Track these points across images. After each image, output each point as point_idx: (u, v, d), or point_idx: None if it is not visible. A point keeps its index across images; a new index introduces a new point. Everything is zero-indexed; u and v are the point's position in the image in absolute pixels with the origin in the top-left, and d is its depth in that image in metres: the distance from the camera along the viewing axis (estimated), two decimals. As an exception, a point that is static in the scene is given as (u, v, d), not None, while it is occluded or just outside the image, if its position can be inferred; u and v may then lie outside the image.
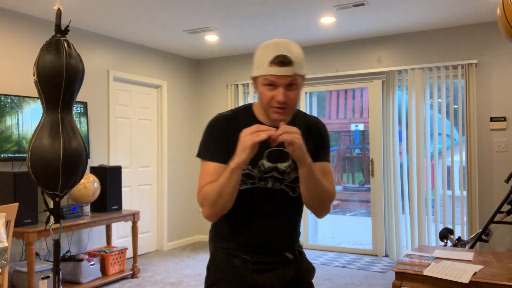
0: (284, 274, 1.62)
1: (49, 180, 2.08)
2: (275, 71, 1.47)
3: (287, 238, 1.66)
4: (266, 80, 1.49)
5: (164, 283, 4.54)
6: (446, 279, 2.58)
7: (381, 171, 5.51)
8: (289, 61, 1.48)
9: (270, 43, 1.53)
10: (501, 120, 4.83)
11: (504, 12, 2.58)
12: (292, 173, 1.58)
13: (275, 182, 1.58)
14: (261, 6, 4.35)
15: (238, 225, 1.61)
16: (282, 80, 1.48)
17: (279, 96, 1.48)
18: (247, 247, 1.60)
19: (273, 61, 1.47)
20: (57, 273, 2.17)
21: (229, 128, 1.59)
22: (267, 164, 1.57)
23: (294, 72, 1.50)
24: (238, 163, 1.43)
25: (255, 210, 1.60)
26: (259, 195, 1.58)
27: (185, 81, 6.52)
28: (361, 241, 6.72)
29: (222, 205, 1.49)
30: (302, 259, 1.70)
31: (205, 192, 1.51)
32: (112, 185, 4.74)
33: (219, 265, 1.65)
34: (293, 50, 1.53)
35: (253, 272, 1.59)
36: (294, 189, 1.60)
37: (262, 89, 1.52)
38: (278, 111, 1.51)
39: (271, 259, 1.61)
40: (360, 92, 12.30)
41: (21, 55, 4.42)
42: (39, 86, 2.08)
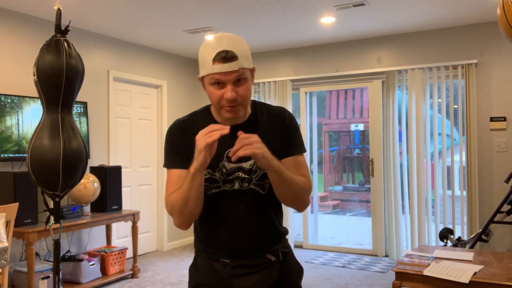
0: (266, 278, 1.55)
1: (49, 180, 2.08)
2: (219, 69, 1.39)
3: (266, 239, 1.57)
4: (212, 79, 1.42)
5: (164, 283, 4.55)
6: (446, 279, 2.58)
7: (381, 171, 5.51)
8: (233, 55, 1.40)
9: (211, 40, 1.45)
10: (501, 120, 4.83)
11: (504, 12, 2.58)
12: (258, 170, 1.51)
13: (242, 183, 1.52)
14: (261, 6, 4.35)
15: (213, 230, 1.56)
16: (228, 77, 1.40)
17: (227, 94, 1.41)
18: (226, 250, 1.54)
19: (216, 58, 1.39)
20: (57, 273, 2.17)
21: (186, 132, 1.54)
22: (228, 165, 1.51)
23: (240, 66, 1.41)
24: (196, 166, 1.37)
25: (227, 214, 1.53)
26: (228, 198, 1.52)
27: (185, 81, 6.52)
28: (361, 241, 6.72)
29: (190, 212, 1.45)
30: (287, 261, 1.61)
31: (171, 201, 1.46)
32: (112, 185, 4.74)
33: (200, 270, 1.59)
34: (236, 44, 1.43)
35: (232, 276, 1.53)
36: (263, 187, 1.53)
37: (210, 89, 1.46)
38: (229, 110, 1.45)
39: (252, 262, 1.54)
40: (360, 92, 12.30)
41: (21, 55, 4.42)
42: (39, 86, 2.08)
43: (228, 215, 1.53)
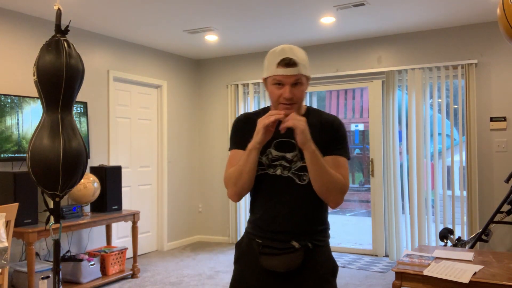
0: (288, 262, 1.70)
1: (49, 180, 2.07)
2: (281, 72, 1.68)
3: (295, 226, 1.73)
4: (275, 80, 1.70)
5: (164, 283, 4.55)
6: (446, 279, 2.58)
7: (381, 171, 5.51)
8: (294, 62, 1.68)
9: (277, 49, 1.73)
10: (501, 120, 4.83)
11: (504, 12, 2.58)
12: (298, 162, 1.72)
13: (283, 170, 1.73)
14: (261, 6, 4.35)
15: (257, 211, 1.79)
16: (288, 79, 1.68)
17: (285, 93, 1.68)
18: (261, 231, 1.76)
19: (280, 63, 1.68)
20: (57, 273, 2.17)
21: (248, 123, 1.79)
22: (274, 152, 1.75)
23: (299, 72, 1.69)
24: (253, 143, 1.65)
25: (266, 195, 1.76)
26: (269, 181, 1.74)
27: (185, 81, 6.52)
28: (361, 241, 6.72)
29: (242, 184, 1.70)
30: (317, 252, 1.74)
31: (228, 174, 1.74)
32: (112, 185, 4.74)
33: (242, 246, 1.84)
34: (298, 53, 1.72)
35: (261, 254, 1.74)
36: (300, 177, 1.72)
37: (271, 88, 1.73)
38: (286, 107, 1.70)
39: (278, 245, 1.72)
40: (360, 92, 12.30)
41: (21, 55, 4.42)
42: (39, 86, 2.08)
43: (266, 197, 1.77)
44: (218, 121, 6.55)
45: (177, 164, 6.34)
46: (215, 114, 6.59)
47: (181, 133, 6.43)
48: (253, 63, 6.31)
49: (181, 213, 6.40)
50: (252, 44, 5.83)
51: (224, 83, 6.50)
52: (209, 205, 6.63)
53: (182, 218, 6.42)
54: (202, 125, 6.70)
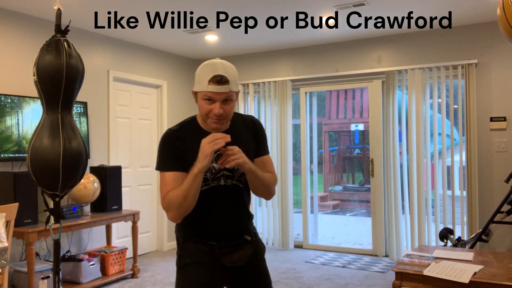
0: (245, 254, 1.91)
1: (49, 180, 2.07)
2: (212, 89, 1.71)
3: (243, 222, 1.94)
4: (205, 95, 1.74)
5: (164, 283, 4.54)
6: (446, 279, 2.58)
7: (381, 171, 5.51)
8: (225, 80, 1.72)
9: (209, 63, 1.77)
10: (501, 120, 4.83)
11: (504, 12, 2.58)
12: (239, 169, 1.85)
13: (226, 179, 1.86)
14: (261, 6, 4.35)
15: (202, 220, 1.87)
16: (219, 96, 1.73)
17: (215, 110, 1.74)
18: (212, 235, 1.87)
19: (212, 79, 1.71)
20: (57, 273, 2.17)
21: (178, 140, 1.83)
22: (217, 166, 1.81)
23: (229, 89, 1.74)
24: (200, 168, 1.69)
25: (214, 206, 1.86)
26: (214, 193, 1.85)
27: (185, 81, 6.52)
28: (361, 241, 6.72)
29: (187, 207, 1.75)
30: (257, 240, 1.99)
31: (170, 198, 1.75)
32: (112, 185, 4.74)
33: (189, 251, 1.91)
34: (229, 70, 1.76)
35: (220, 254, 1.87)
36: (242, 181, 1.90)
37: (201, 103, 1.77)
38: (215, 121, 1.77)
39: (234, 242, 1.89)
40: (360, 92, 12.30)
41: (21, 55, 4.42)
42: (39, 86, 2.08)
43: (215, 206, 1.86)
44: (218, 121, 6.54)
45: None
46: (215, 114, 6.58)
47: (181, 133, 6.42)
48: (253, 63, 6.31)
49: (181, 213, 6.39)
50: (252, 44, 5.83)
51: (224, 83, 6.49)
52: (209, 205, 6.62)
53: (182, 218, 6.41)
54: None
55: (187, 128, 1.86)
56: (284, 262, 5.33)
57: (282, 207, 6.00)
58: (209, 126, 1.80)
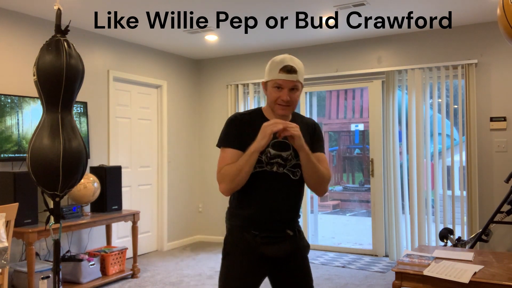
0: (285, 248, 1.99)
1: (49, 180, 2.07)
2: (283, 77, 1.92)
3: (288, 216, 2.02)
4: (275, 83, 1.94)
5: (164, 283, 4.55)
6: (446, 279, 2.58)
7: (381, 171, 5.51)
8: (294, 70, 1.93)
9: (279, 57, 1.98)
10: (501, 120, 4.83)
11: (504, 12, 2.58)
12: (292, 160, 1.97)
13: (279, 167, 1.95)
14: (261, 6, 4.35)
15: (249, 204, 1.97)
16: (287, 84, 1.93)
17: (284, 96, 1.93)
18: (256, 223, 1.96)
19: (282, 69, 1.92)
20: (57, 273, 2.17)
21: (243, 123, 1.99)
22: (272, 151, 1.95)
23: (297, 79, 1.95)
24: (257, 147, 1.84)
25: (263, 191, 1.95)
26: (266, 177, 1.94)
27: (185, 81, 6.52)
28: (361, 241, 6.72)
29: (239, 181, 1.88)
30: (300, 237, 2.07)
31: (225, 171, 1.90)
32: (112, 185, 4.74)
33: (233, 239, 2.01)
34: (297, 63, 1.97)
35: (261, 244, 1.95)
36: (294, 173, 1.98)
37: (271, 90, 1.96)
38: (282, 108, 1.95)
39: (275, 234, 1.97)
40: (360, 92, 12.29)
41: (21, 55, 4.42)
42: (39, 86, 2.08)
43: (263, 193, 1.96)
44: (218, 121, 6.55)
45: (177, 164, 6.34)
46: (215, 114, 6.59)
47: (181, 133, 6.43)
48: (253, 63, 6.31)
49: (181, 213, 6.40)
50: (252, 44, 5.83)
51: (224, 83, 6.50)
52: (209, 205, 6.63)
53: (182, 218, 6.42)
54: (202, 125, 6.70)
55: (253, 115, 2.03)
56: (284, 262, 5.32)
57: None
58: (276, 112, 1.97)
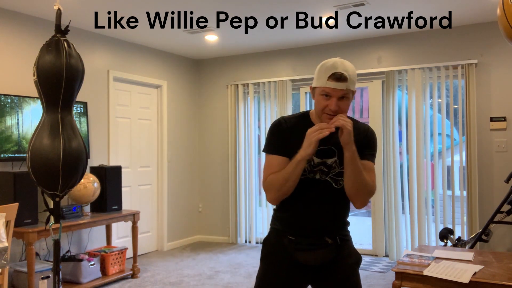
0: (323, 256, 1.89)
1: (49, 180, 2.07)
2: (331, 85, 1.76)
3: (327, 224, 1.90)
4: (323, 91, 1.78)
5: (164, 283, 4.54)
6: (446, 279, 2.58)
7: (381, 171, 5.51)
8: (344, 78, 1.75)
9: (330, 61, 1.80)
10: (501, 120, 4.83)
11: (504, 12, 2.58)
12: (336, 168, 1.87)
13: (322, 174, 1.87)
14: (261, 6, 4.35)
15: (289, 210, 1.91)
16: (336, 93, 1.76)
17: (331, 106, 1.77)
18: (293, 229, 1.89)
19: (331, 76, 1.75)
20: (57, 273, 2.17)
21: (289, 129, 1.90)
22: (316, 160, 1.86)
23: (347, 87, 1.77)
24: (304, 155, 1.75)
25: (303, 197, 1.87)
26: (307, 184, 1.86)
27: (185, 81, 6.52)
28: (361, 241, 6.72)
29: (286, 190, 1.81)
30: (344, 245, 1.94)
31: (271, 180, 1.83)
32: (112, 185, 4.74)
33: (271, 242, 1.96)
34: (348, 69, 1.78)
35: (296, 250, 1.88)
36: (337, 181, 1.88)
37: (318, 98, 1.81)
38: (329, 118, 1.79)
39: (312, 241, 1.88)
40: (360, 92, 12.28)
41: (21, 55, 4.42)
42: (39, 86, 2.08)
43: (303, 199, 1.87)
44: (218, 121, 6.55)
45: (177, 164, 6.34)
46: (215, 114, 6.59)
47: (181, 133, 6.43)
48: (253, 63, 6.31)
49: (181, 213, 6.40)
50: (252, 44, 5.83)
51: (224, 83, 6.50)
52: (209, 205, 6.63)
53: (182, 218, 6.42)
54: (202, 125, 6.70)
55: (300, 120, 1.92)
56: (284, 262, 5.32)
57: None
58: (322, 122, 1.82)
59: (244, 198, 6.29)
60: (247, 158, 6.29)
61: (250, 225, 6.29)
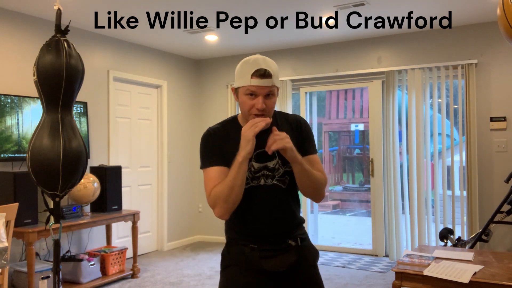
0: (287, 259, 1.80)
1: (49, 180, 2.07)
2: (256, 82, 1.68)
3: (287, 226, 1.83)
4: (248, 90, 1.70)
5: (164, 283, 4.55)
6: (446, 279, 2.58)
7: (381, 171, 5.51)
8: (269, 74, 1.68)
9: (250, 59, 1.73)
10: (501, 120, 4.83)
11: (504, 12, 2.58)
12: (280, 169, 1.79)
13: (266, 179, 1.78)
14: (261, 6, 4.35)
15: (243, 221, 1.81)
16: (262, 90, 1.69)
17: (258, 104, 1.69)
18: (253, 237, 1.80)
19: (254, 73, 1.68)
20: (57, 273, 2.17)
21: (220, 138, 1.81)
22: (256, 165, 1.77)
23: (272, 83, 1.70)
24: (244, 155, 1.64)
25: (255, 206, 1.78)
26: (254, 193, 1.77)
27: (185, 81, 6.52)
28: (361, 241, 6.72)
29: (234, 199, 1.68)
30: (305, 245, 1.86)
31: (216, 192, 1.70)
32: (112, 185, 4.74)
33: (231, 253, 1.85)
34: (271, 65, 1.72)
35: (260, 258, 1.78)
36: (284, 182, 1.80)
37: (243, 98, 1.73)
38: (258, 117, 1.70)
39: (276, 246, 1.79)
40: (360, 92, 12.29)
41: (21, 55, 4.42)
42: (39, 86, 2.08)
43: (255, 207, 1.79)
44: (218, 121, 6.53)
45: (177, 164, 6.34)
46: (215, 114, 6.59)
47: (181, 133, 6.43)
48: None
49: (181, 213, 6.40)
50: (252, 44, 5.83)
51: (224, 83, 6.50)
52: (209, 205, 6.62)
53: (182, 218, 6.42)
54: (202, 125, 6.70)
55: (228, 126, 1.84)
56: (284, 262, 5.32)
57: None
58: None
59: (244, 198, 6.28)
60: (247, 158, 6.29)
61: (250, 225, 6.29)
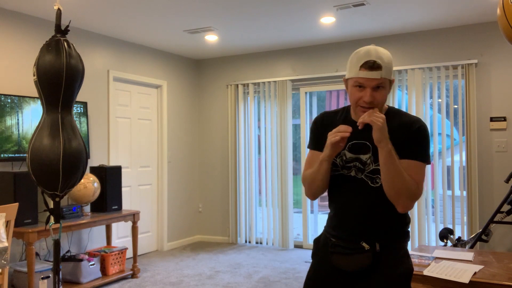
0: (357, 262, 1.73)
1: (49, 180, 2.07)
2: (364, 74, 1.65)
3: (366, 228, 1.74)
4: (356, 82, 1.68)
5: (164, 283, 4.54)
6: (446, 279, 2.57)
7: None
8: (378, 65, 1.64)
9: (362, 50, 1.70)
10: (501, 120, 4.83)
11: (504, 12, 2.58)
12: (371, 164, 1.72)
13: (357, 172, 1.74)
14: (261, 6, 4.35)
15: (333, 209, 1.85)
16: (370, 83, 1.65)
17: (366, 97, 1.67)
18: (335, 230, 1.81)
19: (363, 65, 1.65)
20: (57, 273, 2.17)
21: (325, 125, 1.83)
22: (348, 154, 1.76)
23: (382, 76, 1.65)
24: (324, 156, 1.71)
25: (340, 196, 1.80)
26: (343, 181, 1.77)
27: (185, 81, 6.52)
28: (361, 241, 6.72)
29: (316, 189, 1.79)
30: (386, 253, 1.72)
31: (304, 176, 1.83)
32: (112, 185, 4.74)
33: (320, 241, 1.89)
34: (383, 56, 1.67)
35: (331, 253, 1.79)
36: (373, 180, 1.72)
37: (352, 90, 1.71)
38: (365, 110, 1.67)
39: (349, 244, 1.75)
40: (360, 92, 12.28)
41: (21, 55, 4.42)
42: (39, 86, 2.08)
43: (340, 198, 1.80)
44: (218, 121, 6.55)
45: (177, 164, 6.34)
46: (215, 114, 6.59)
47: (181, 133, 6.43)
48: (253, 63, 6.31)
49: (181, 213, 6.40)
50: (252, 44, 5.83)
51: (224, 83, 6.50)
52: (209, 205, 6.63)
53: (182, 218, 6.42)
54: (202, 125, 6.70)
55: (339, 115, 1.85)
56: (284, 262, 5.33)
57: (282, 207, 6.00)
58: (358, 115, 1.71)
59: (244, 198, 6.29)
60: (247, 158, 6.29)
61: (250, 225, 6.29)
